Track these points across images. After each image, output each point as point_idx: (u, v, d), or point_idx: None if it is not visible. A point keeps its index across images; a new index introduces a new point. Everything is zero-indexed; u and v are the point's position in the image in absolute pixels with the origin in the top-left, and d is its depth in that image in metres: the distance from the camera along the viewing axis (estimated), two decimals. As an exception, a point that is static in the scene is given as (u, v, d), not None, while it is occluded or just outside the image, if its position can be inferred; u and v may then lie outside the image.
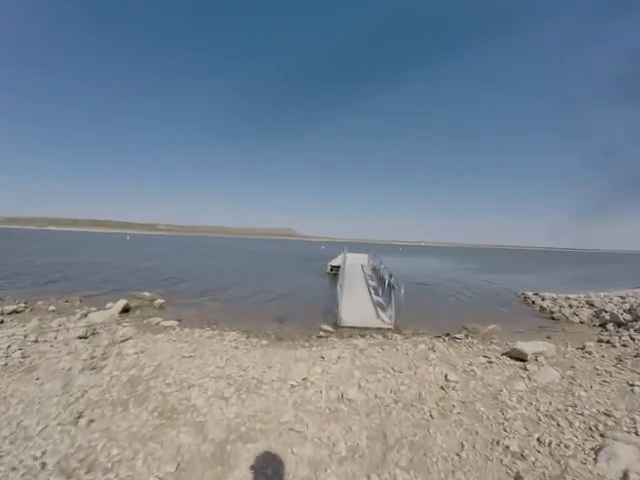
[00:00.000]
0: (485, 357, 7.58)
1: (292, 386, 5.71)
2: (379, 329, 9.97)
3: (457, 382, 5.99)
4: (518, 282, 25.97)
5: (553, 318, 13.38)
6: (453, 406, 5.15)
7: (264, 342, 8.40)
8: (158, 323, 9.66)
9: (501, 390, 5.77)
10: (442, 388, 5.74)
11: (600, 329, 11.70)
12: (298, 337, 9.10)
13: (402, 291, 10.12)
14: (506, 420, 4.83)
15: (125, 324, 9.36)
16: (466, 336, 9.69)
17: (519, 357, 7.55)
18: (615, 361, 7.69)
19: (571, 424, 4.76)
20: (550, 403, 5.40)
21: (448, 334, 9.89)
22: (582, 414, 5.04)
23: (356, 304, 12.08)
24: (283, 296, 15.48)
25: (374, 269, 19.23)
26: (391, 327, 10.17)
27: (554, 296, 16.58)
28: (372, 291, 14.42)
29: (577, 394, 5.72)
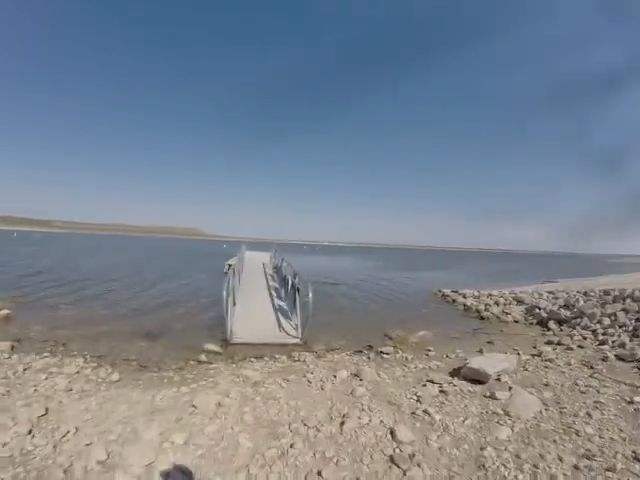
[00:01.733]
0: (432, 382, 5.41)
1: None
2: (283, 345, 7.44)
3: (412, 442, 3.62)
4: (429, 279, 25.38)
5: (482, 318, 12.01)
6: (422, 504, 2.77)
7: (115, 377, 5.47)
8: (-17, 346, 6.70)
9: (483, 448, 3.55)
10: (392, 461, 3.27)
11: (540, 328, 10.55)
12: (169, 364, 6.27)
13: (310, 295, 7.73)
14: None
15: None
16: (395, 349, 7.56)
17: (478, 379, 5.56)
18: (587, 370, 6.25)
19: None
20: (560, 459, 3.38)
21: (371, 347, 7.69)
22: (613, 469, 3.20)
23: (253, 312, 9.41)
24: (164, 302, 12.16)
25: (276, 268, 16.49)
26: (298, 341, 7.71)
27: (475, 293, 15.47)
28: (274, 294, 11.81)
29: (582, 431, 3.91)
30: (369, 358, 6.80)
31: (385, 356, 6.94)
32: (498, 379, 5.64)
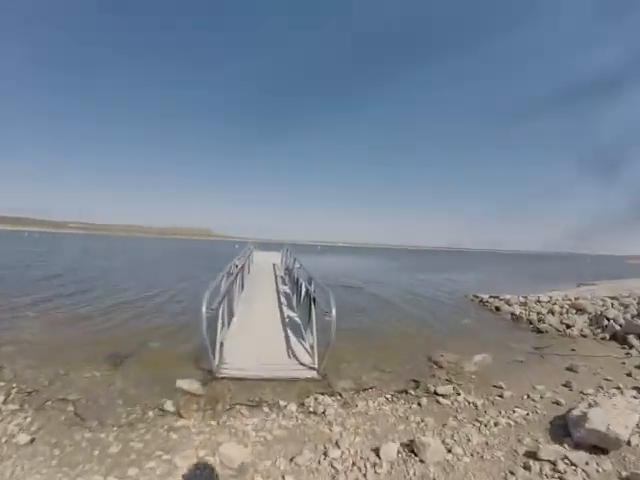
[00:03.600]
0: (536, 459, 3.28)
1: None
2: (292, 381, 5.24)
3: None
4: (454, 282, 22.89)
5: (539, 331, 9.76)
6: None
7: (24, 437, 3.48)
8: None
9: None
10: None
11: (618, 345, 8.37)
12: (119, 413, 4.16)
13: (333, 312, 5.06)
14: None
15: None
16: (451, 384, 5.41)
17: (602, 445, 3.47)
18: None
19: None
20: None
21: (417, 383, 5.48)
22: None
23: (254, 328, 7.10)
24: (148, 311, 9.98)
25: (288, 270, 13.88)
26: (314, 375, 5.38)
27: (520, 299, 13.08)
28: (284, 302, 9.48)
29: None
30: (420, 405, 4.57)
31: (442, 400, 4.72)
32: (628, 442, 3.56)
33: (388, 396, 4.83)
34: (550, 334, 9.46)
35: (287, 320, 7.72)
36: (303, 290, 7.46)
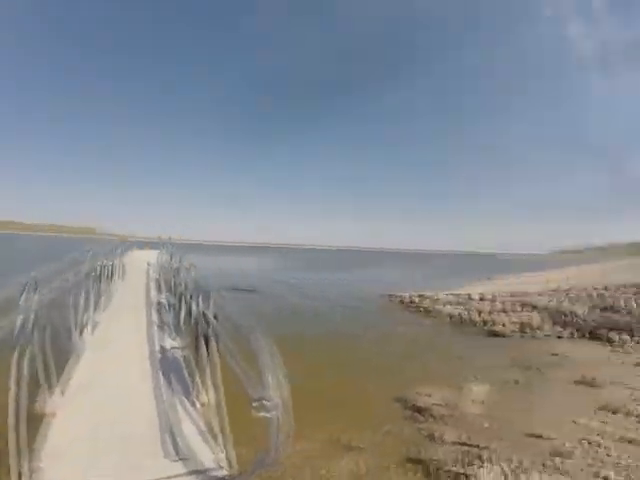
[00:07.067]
0: None
1: None
2: None
3: None
4: (359, 281, 20.94)
5: (495, 334, 8.03)
6: None
7: None
8: None
9: None
10: None
11: (600, 344, 6.86)
12: None
13: (276, 399, 1.53)
14: None
15: None
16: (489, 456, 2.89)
17: None
18: None
19: None
20: None
21: (430, 472, 2.76)
22: None
23: (99, 392, 3.01)
24: None
25: (164, 273, 8.58)
26: None
27: (450, 297, 11.21)
28: (160, 329, 5.45)
29: None
30: None
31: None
32: None
33: None
34: (514, 338, 7.68)
35: (165, 363, 4.19)
36: (183, 309, 4.26)
